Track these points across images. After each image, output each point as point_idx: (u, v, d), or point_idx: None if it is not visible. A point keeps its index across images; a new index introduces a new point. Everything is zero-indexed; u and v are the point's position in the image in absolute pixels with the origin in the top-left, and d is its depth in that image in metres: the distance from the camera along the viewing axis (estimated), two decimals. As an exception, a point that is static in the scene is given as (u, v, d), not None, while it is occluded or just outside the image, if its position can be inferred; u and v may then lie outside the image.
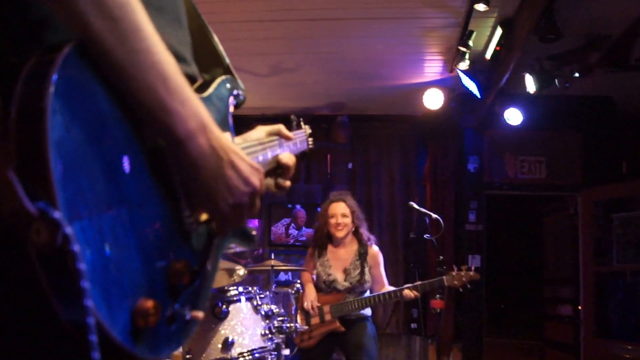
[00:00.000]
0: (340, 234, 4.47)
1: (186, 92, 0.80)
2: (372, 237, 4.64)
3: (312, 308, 4.41)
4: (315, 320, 4.44)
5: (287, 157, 1.23)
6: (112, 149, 0.74)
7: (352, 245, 4.56)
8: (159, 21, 0.81)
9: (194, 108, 0.80)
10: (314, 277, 4.62)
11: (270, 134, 1.26)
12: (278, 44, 5.65)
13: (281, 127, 1.29)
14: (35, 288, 0.66)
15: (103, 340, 0.67)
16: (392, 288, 4.44)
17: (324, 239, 4.59)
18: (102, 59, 0.73)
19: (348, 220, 4.48)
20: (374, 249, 4.57)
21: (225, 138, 0.87)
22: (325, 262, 4.54)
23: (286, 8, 4.98)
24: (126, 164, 0.75)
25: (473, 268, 4.33)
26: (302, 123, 1.53)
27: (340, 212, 4.47)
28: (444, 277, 4.29)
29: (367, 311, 4.54)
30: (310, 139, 1.56)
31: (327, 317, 4.41)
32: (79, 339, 0.66)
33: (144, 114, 0.77)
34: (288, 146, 1.31)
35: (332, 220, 4.47)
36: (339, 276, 4.48)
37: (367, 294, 4.52)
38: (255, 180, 0.92)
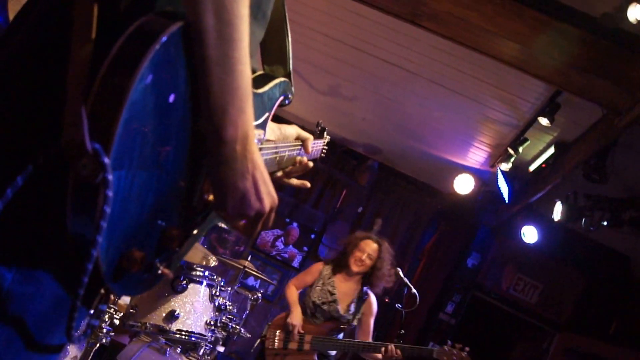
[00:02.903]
0: (355, 269, 4.40)
1: (247, 105, 0.89)
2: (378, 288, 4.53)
3: (295, 334, 4.27)
4: (292, 345, 4.30)
5: (305, 160, 1.39)
6: (168, 121, 0.82)
7: (357, 285, 4.49)
8: (250, 18, 0.90)
9: (245, 120, 0.89)
10: (299, 293, 4.52)
11: (299, 138, 1.43)
12: (346, 69, 5.71)
13: (310, 140, 1.46)
14: (58, 206, 0.78)
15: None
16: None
17: (340, 265, 4.50)
18: (198, 47, 0.82)
19: (370, 262, 4.41)
20: (372, 298, 4.49)
21: (259, 156, 0.96)
22: (329, 283, 4.45)
23: (368, 41, 5.04)
24: (173, 138, 0.84)
25: (468, 349, 4.11)
26: (325, 133, 1.70)
27: (369, 251, 4.41)
28: (435, 349, 4.14)
29: (333, 351, 4.45)
30: (325, 149, 1.71)
31: (306, 346, 4.28)
32: (74, 254, 0.78)
33: (206, 105, 0.86)
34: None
35: (358, 254, 4.40)
36: (340, 305, 4.38)
37: (341, 336, 4.44)
38: (266, 202, 0.99)
